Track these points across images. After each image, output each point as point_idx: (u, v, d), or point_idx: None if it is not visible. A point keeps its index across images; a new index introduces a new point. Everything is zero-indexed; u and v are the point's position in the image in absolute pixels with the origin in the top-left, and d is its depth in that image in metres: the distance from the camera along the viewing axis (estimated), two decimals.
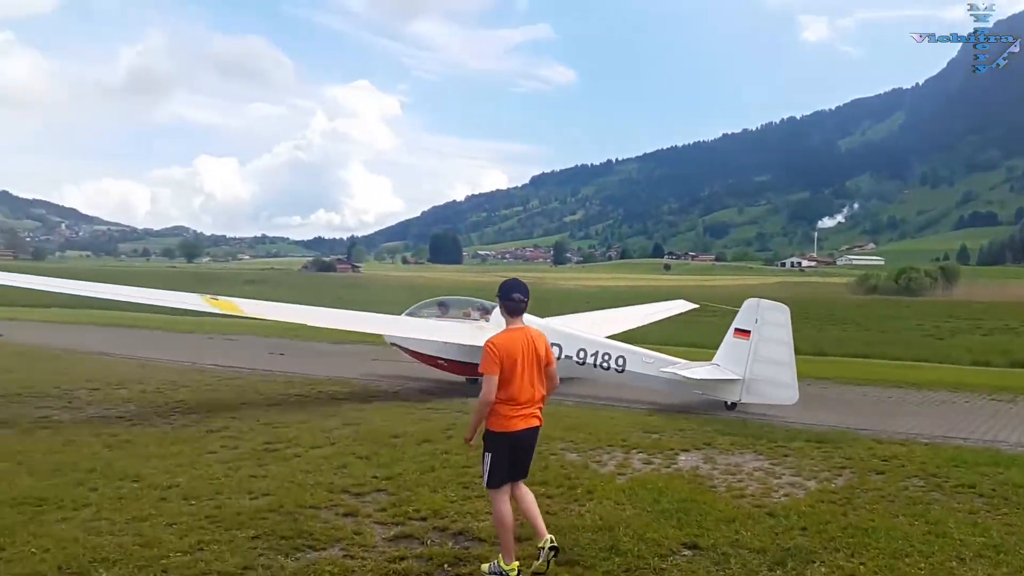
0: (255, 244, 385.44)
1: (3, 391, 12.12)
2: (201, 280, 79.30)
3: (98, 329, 24.51)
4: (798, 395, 11.57)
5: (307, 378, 14.52)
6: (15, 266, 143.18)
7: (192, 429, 9.68)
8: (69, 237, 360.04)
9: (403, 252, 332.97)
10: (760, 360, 11.90)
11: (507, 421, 5.20)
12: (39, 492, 6.73)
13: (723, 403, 12.22)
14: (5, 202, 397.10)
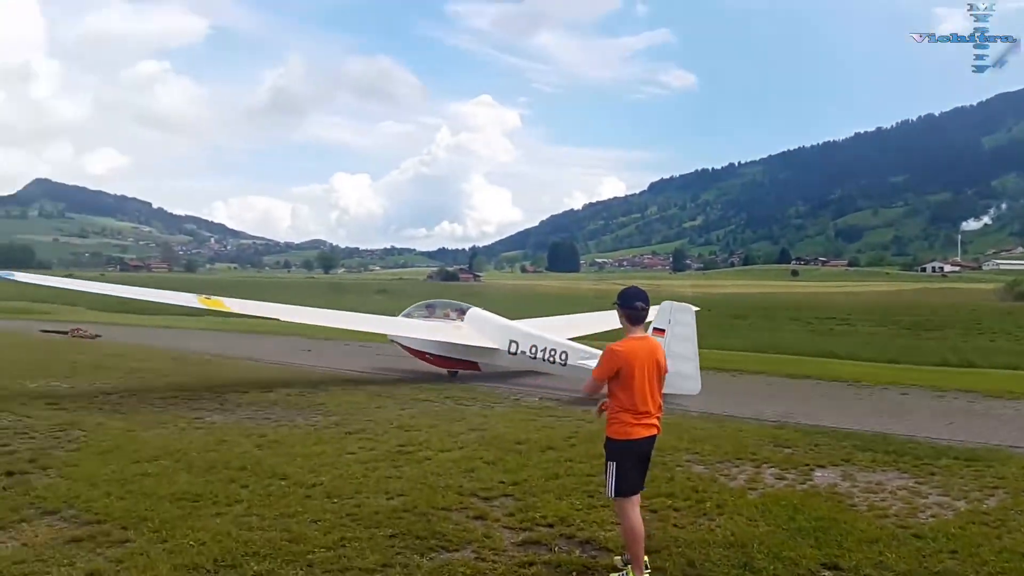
0: (385, 255, 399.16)
1: (161, 393, 13.11)
2: (336, 290, 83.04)
3: (243, 336, 26.08)
4: (700, 386, 12.57)
5: (434, 385, 14.97)
6: (170, 277, 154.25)
7: (332, 431, 10.18)
8: (217, 251, 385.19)
9: (522, 261, 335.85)
10: (672, 355, 11.66)
11: (630, 429, 5.21)
12: (196, 488, 7.25)
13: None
14: (161, 218, 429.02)
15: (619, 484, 5.22)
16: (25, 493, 7.02)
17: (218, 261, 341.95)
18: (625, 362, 5.18)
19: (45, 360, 17.46)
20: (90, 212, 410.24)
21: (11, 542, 5.83)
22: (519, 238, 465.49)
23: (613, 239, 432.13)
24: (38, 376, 14.72)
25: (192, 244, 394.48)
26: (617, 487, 5.22)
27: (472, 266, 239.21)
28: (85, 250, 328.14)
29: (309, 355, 20.09)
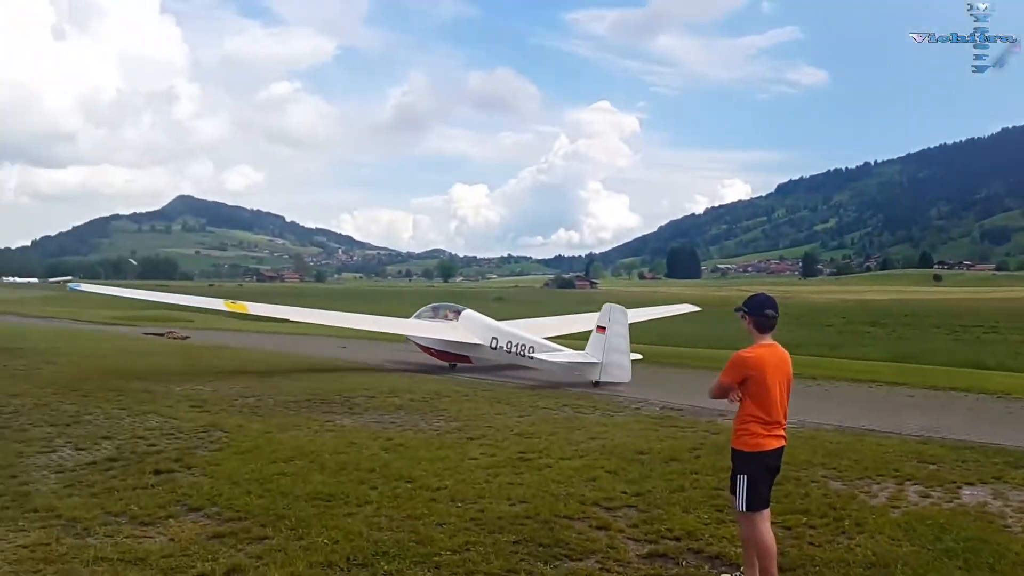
0: (502, 264, 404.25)
1: (295, 397, 13.69)
2: (454, 298, 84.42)
3: (365, 343, 26.92)
4: (631, 376, 15.81)
5: (553, 392, 14.97)
6: (300, 287, 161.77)
7: (454, 436, 10.34)
8: (345, 261, 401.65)
9: (640, 268, 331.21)
10: (611, 350, 16.00)
11: (761, 440, 5.05)
12: (329, 488, 7.51)
13: (592, 382, 15.95)
14: (293, 231, 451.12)
15: (751, 498, 5.04)
16: (172, 491, 7.46)
17: (345, 271, 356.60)
18: (755, 370, 5.03)
19: (189, 365, 18.62)
20: (229, 226, 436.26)
21: (159, 537, 6.20)
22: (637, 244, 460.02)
23: (737, 244, 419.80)
24: (183, 380, 15.71)
25: (322, 255, 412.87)
26: (749, 501, 5.04)
27: (588, 273, 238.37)
28: (224, 262, 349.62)
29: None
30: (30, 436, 9.92)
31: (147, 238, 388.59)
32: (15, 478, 7.86)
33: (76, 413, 11.63)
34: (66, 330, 31.93)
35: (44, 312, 43.76)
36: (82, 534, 6.19)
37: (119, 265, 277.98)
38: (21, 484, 7.63)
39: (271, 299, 36.52)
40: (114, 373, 16.53)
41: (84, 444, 9.53)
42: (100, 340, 26.26)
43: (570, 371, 16.81)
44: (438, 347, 19.76)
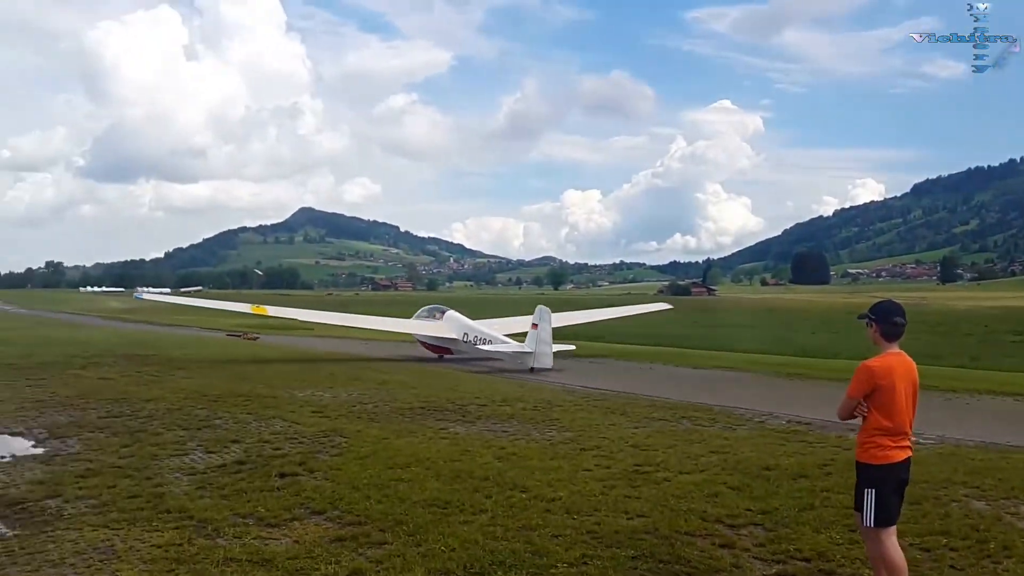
0: (614, 271, 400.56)
1: (409, 404, 13.95)
2: (565, 305, 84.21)
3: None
4: (552, 362, 20.25)
5: (667, 401, 14.63)
6: (413, 296, 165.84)
7: (568, 446, 10.24)
8: (456, 269, 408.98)
9: (762, 273, 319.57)
10: (540, 342, 20.23)
11: (889, 452, 4.85)
12: (444, 496, 7.57)
13: (528, 368, 20.15)
14: (406, 240, 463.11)
15: (879, 513, 4.82)
16: (296, 493, 7.69)
17: (456, 279, 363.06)
18: (884, 379, 4.83)
19: (309, 372, 19.30)
20: (347, 236, 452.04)
21: (284, 539, 6.39)
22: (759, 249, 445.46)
23: (869, 247, 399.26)
24: (305, 386, 16.29)
25: (434, 264, 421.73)
26: (877, 516, 4.82)
27: (706, 279, 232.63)
28: (342, 271, 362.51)
29: None
30: (164, 439, 10.47)
31: (271, 249, 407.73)
32: (150, 480, 8.28)
33: (206, 417, 12.22)
34: (196, 338, 33.80)
35: (175, 320, 46.49)
36: (212, 535, 6.44)
37: (245, 275, 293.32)
38: (156, 486, 8.02)
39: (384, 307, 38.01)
40: (241, 379, 17.34)
41: (214, 447, 9.98)
42: (227, 347, 27.64)
43: (515, 359, 21.01)
44: (429, 341, 24.30)
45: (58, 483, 8.06)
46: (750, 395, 15.56)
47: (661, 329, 40.12)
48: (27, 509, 7.19)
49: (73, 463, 9.04)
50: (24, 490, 7.83)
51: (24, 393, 14.98)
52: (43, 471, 8.68)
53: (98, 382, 16.69)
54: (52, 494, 7.66)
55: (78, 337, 32.02)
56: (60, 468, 8.81)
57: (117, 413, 12.58)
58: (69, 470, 8.68)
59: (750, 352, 26.79)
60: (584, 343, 26.88)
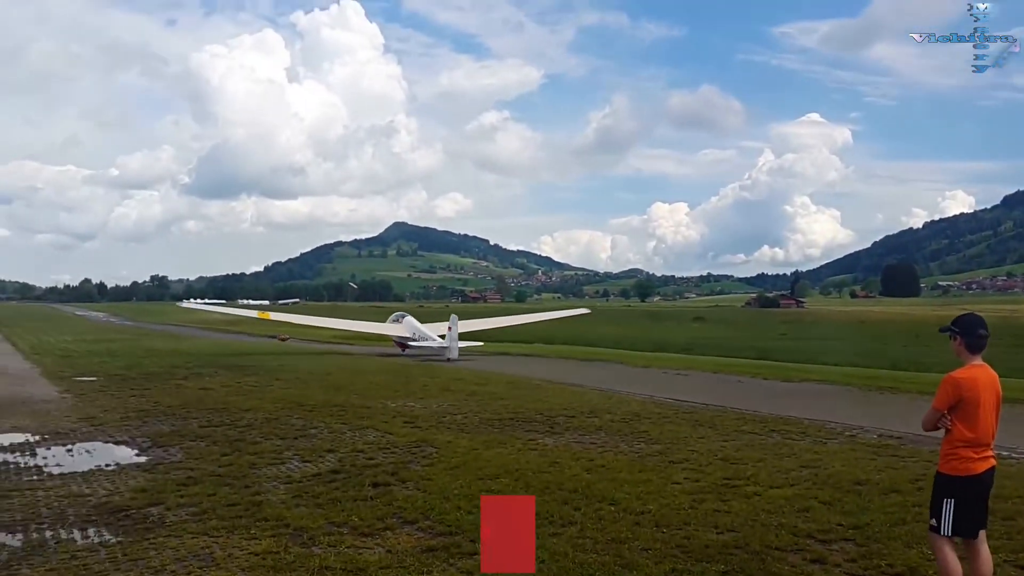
0: (701, 283, 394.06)
1: (499, 416, 14.08)
2: (652, 318, 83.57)
3: (565, 361, 27.28)
4: (457, 354, 28.19)
5: (756, 414, 14.32)
6: (501, 307, 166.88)
7: (656, 459, 10.17)
8: (544, 282, 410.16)
9: (851, 286, 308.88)
10: (452, 339, 28.42)
11: (971, 464, 4.88)
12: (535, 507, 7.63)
13: (446, 360, 27.56)
14: (496, 253, 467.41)
15: (958, 522, 4.89)
16: (388, 503, 7.90)
17: (544, 292, 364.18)
18: (969, 391, 4.87)
19: (402, 382, 19.72)
20: (438, 250, 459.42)
21: (377, 548, 6.58)
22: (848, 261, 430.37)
23: (960, 260, 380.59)
24: (397, 396, 16.67)
25: (522, 276, 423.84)
26: (956, 526, 4.89)
27: (794, 292, 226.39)
28: (433, 284, 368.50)
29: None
30: (262, 448, 10.91)
31: (366, 262, 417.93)
32: (248, 488, 8.62)
33: (303, 427, 12.68)
34: (292, 348, 34.98)
35: (272, 331, 48.19)
36: (308, 543, 6.67)
37: (340, 288, 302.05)
38: (254, 494, 8.34)
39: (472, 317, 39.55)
40: (336, 389, 17.89)
41: (310, 457, 10.35)
42: (323, 358, 28.52)
43: (439, 352, 29.20)
44: (395, 339, 32.53)
45: (160, 491, 8.45)
46: (841, 408, 15.08)
47: (759, 343, 39.23)
48: (130, 516, 7.56)
49: (175, 471, 9.49)
50: (127, 498, 8.23)
51: (129, 403, 15.85)
52: (146, 479, 9.13)
53: (199, 392, 17.50)
54: (154, 502, 8.03)
55: (180, 348, 33.63)
56: (162, 476, 9.24)
57: (217, 422, 13.18)
58: (171, 478, 9.10)
59: (840, 365, 25.98)
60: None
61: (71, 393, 17.67)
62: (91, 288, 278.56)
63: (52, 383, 19.88)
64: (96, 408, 15.17)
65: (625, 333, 47.98)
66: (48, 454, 10.88)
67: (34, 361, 27.14)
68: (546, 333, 46.49)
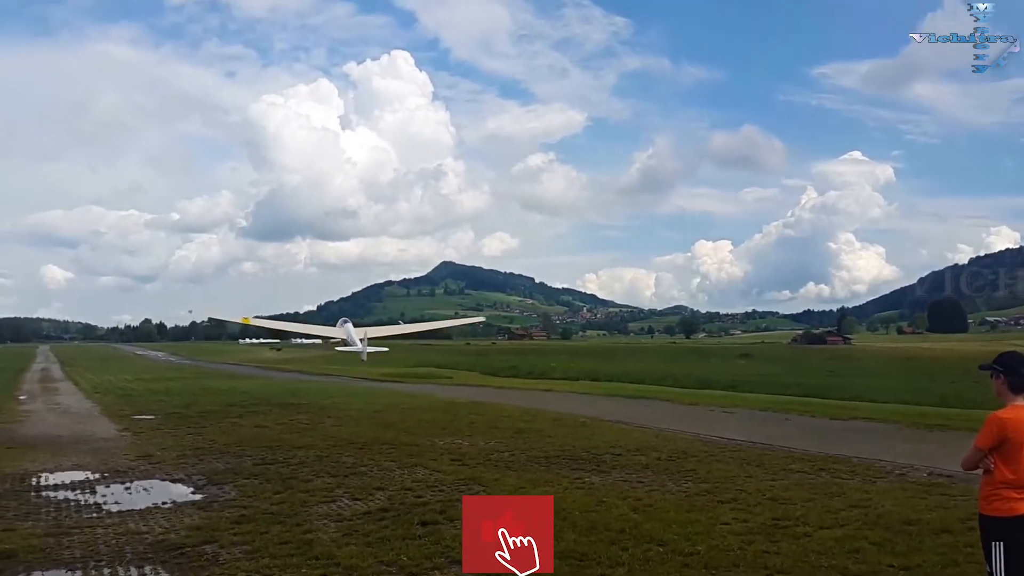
0: (746, 319, 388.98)
1: (545, 453, 14.13)
2: (698, 354, 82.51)
3: (608, 399, 27.17)
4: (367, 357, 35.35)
5: (805, 453, 14.13)
6: (547, 344, 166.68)
7: (704, 498, 10.13)
8: (589, 319, 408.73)
9: (898, 322, 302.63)
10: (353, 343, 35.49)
11: (1015, 504, 4.72)
12: (580, 547, 7.66)
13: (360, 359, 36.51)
14: (542, 291, 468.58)
15: (1010, 567, 4.69)
16: (436, 542, 8.00)
17: (589, 328, 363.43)
18: (1014, 432, 4.72)
19: (449, 420, 19.88)
20: (485, 288, 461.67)
21: None
22: (894, 297, 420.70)
23: (1007, 295, 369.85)
24: (444, 434, 16.83)
25: (567, 314, 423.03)
26: (1008, 570, 4.69)
27: (841, 328, 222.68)
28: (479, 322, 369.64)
29: None
30: (313, 486, 11.13)
31: (414, 301, 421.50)
32: (300, 526, 8.80)
33: (353, 465, 12.90)
34: (344, 386, 35.48)
35: (325, 370, 48.95)
36: None
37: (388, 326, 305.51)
38: (305, 532, 8.52)
39: (517, 354, 39.78)
40: (385, 426, 18.14)
41: (360, 495, 10.54)
42: (374, 396, 28.87)
43: (358, 355, 35.44)
44: (335, 340, 38.22)
45: (214, 528, 8.68)
46: (889, 447, 14.81)
47: (806, 379, 38.60)
48: (185, 554, 7.78)
49: (229, 509, 9.73)
50: (183, 535, 8.46)
51: (185, 441, 16.30)
52: (201, 517, 9.37)
53: (254, 430, 17.90)
54: (209, 539, 8.25)
55: (236, 387, 34.33)
56: (217, 514, 9.48)
57: (271, 460, 13.49)
58: (225, 516, 9.33)
59: (888, 402, 25.49)
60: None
61: (130, 431, 18.24)
62: (151, 328, 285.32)
63: (112, 421, 20.52)
64: (154, 446, 15.64)
65: (670, 370, 47.57)
66: (107, 492, 11.26)
67: (95, 400, 28.01)
68: (591, 369, 46.38)
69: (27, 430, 18.92)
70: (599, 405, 24.69)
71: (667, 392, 29.47)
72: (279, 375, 47.65)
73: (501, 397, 28.23)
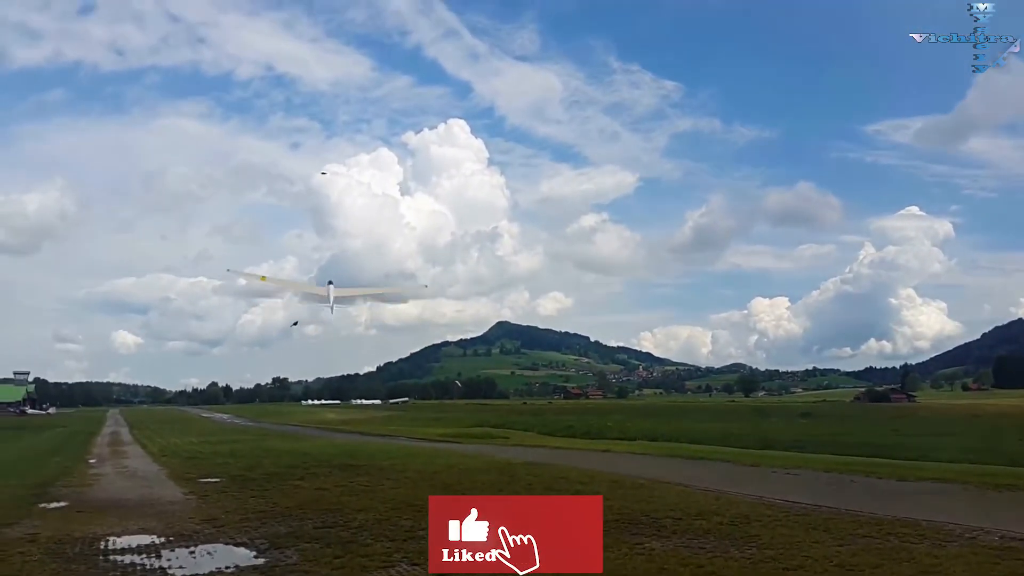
0: (806, 377, 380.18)
1: (604, 517, 13.93)
2: (758, 413, 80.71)
3: (667, 460, 26.74)
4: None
5: (872, 516, 13.71)
6: (603, 404, 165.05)
7: (769, 565, 9.94)
8: (645, 378, 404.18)
9: (963, 378, 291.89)
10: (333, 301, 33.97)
11: None
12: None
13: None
14: (597, 350, 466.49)
15: None
16: None
17: (645, 387, 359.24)
18: None
19: (506, 481, 19.78)
20: (540, 347, 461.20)
21: None
22: (958, 353, 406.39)
23: None
24: (503, 496, 16.74)
25: (623, 372, 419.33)
26: None
27: (904, 385, 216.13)
28: (536, 381, 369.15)
29: None
30: (372, 551, 11.23)
31: (471, 361, 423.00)
32: None
33: (411, 528, 12.95)
34: (401, 447, 35.64)
35: (385, 431, 49.29)
36: None
37: (446, 386, 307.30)
38: None
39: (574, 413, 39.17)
40: (444, 488, 18.17)
41: (417, 559, 10.53)
42: (431, 457, 28.94)
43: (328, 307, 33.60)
44: (319, 295, 34.70)
45: None
46: (959, 509, 14.30)
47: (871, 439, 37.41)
48: None
49: (291, 574, 9.89)
50: None
51: (249, 504, 16.56)
52: None
53: (314, 492, 18.11)
54: None
55: (297, 448, 34.77)
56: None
57: (331, 523, 13.64)
58: None
59: (955, 462, 24.61)
60: None
61: (195, 494, 18.62)
62: (217, 391, 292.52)
63: (178, 485, 20.97)
64: (218, 509, 15.94)
65: (730, 429, 46.63)
66: (172, 556, 11.50)
67: (162, 463, 28.64)
68: (649, 429, 45.76)
69: (96, 493, 19.46)
70: (658, 466, 24.34)
71: (728, 453, 28.91)
72: (339, 436, 48.10)
73: (558, 458, 28.01)
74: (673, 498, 16.57)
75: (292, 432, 55.09)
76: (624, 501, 15.94)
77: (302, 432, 54.49)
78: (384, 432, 48.97)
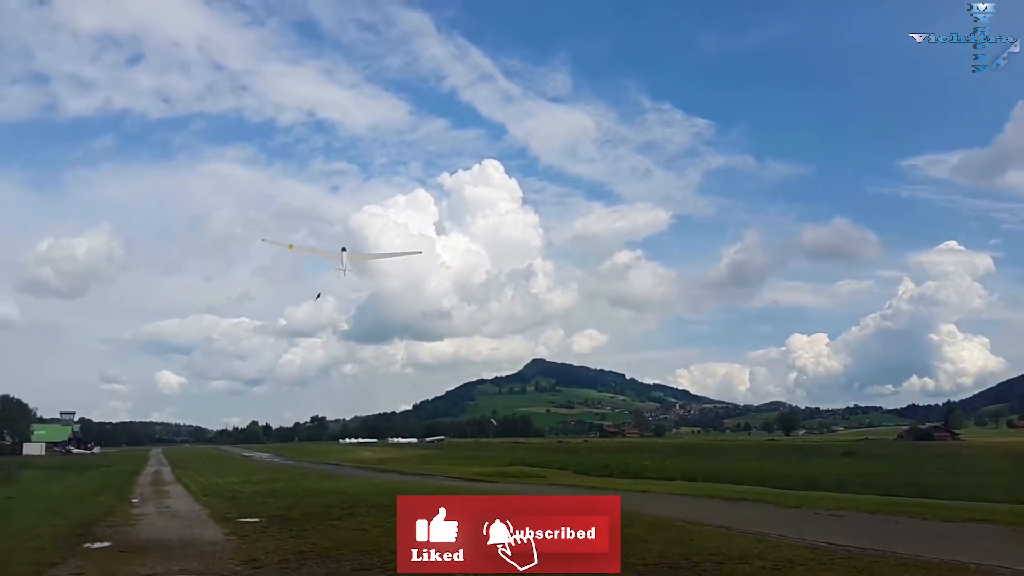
0: (848, 415, 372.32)
1: (643, 560, 13.76)
2: (799, 452, 79.17)
3: (706, 500, 26.36)
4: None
5: (918, 559, 13.41)
6: (639, 442, 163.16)
7: None
8: (682, 415, 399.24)
9: (1008, 415, 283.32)
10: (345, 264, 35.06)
11: None
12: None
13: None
14: (632, 387, 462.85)
15: None
16: None
17: (683, 425, 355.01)
18: None
19: None
20: (575, 385, 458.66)
21: None
22: (1002, 389, 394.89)
23: None
24: None
25: (659, 410, 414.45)
26: None
27: (948, 423, 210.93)
28: (571, 419, 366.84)
29: None
30: None
31: (506, 399, 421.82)
32: None
33: None
34: (438, 486, 35.46)
35: (420, 469, 49.24)
36: None
37: (482, 424, 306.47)
38: None
39: (610, 452, 38.71)
40: None
41: None
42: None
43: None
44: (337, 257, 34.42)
45: None
46: (1008, 551, 13.97)
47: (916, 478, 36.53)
48: None
49: None
50: None
51: (288, 544, 16.63)
52: None
53: (352, 533, 18.14)
54: None
55: (335, 487, 34.75)
56: None
57: (368, 565, 13.66)
58: None
59: (1003, 501, 23.92)
60: None
61: (235, 535, 18.74)
62: (258, 430, 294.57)
63: (219, 525, 21.15)
64: (258, 550, 16.03)
65: (771, 469, 45.75)
66: None
67: (203, 503, 28.89)
68: (687, 468, 45.13)
69: (138, 533, 19.71)
70: (697, 507, 24.02)
71: (769, 493, 28.41)
72: (376, 475, 48.17)
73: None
74: (714, 541, 16.33)
75: (330, 471, 55.20)
76: (664, 544, 15.75)
77: (340, 471, 54.58)
78: (420, 471, 48.92)
